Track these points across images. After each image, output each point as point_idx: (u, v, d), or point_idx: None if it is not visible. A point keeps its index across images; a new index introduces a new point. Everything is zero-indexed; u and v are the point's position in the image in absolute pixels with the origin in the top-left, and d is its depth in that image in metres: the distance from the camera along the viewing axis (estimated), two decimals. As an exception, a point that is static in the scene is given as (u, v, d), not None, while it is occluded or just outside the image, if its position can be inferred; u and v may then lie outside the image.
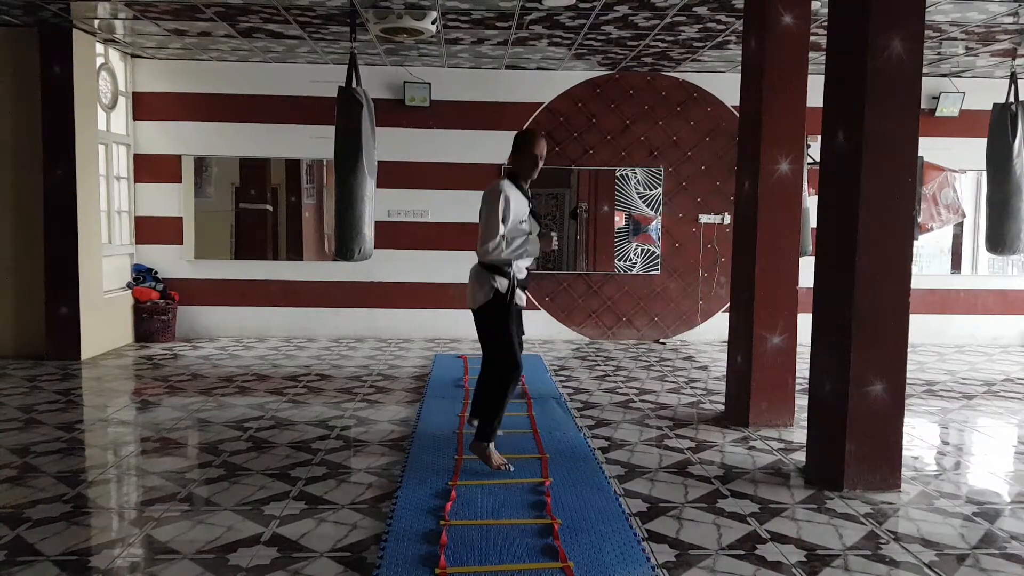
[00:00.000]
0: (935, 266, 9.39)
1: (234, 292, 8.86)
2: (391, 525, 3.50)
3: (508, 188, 4.09)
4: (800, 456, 4.61)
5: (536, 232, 4.24)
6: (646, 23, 6.78)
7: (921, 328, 8.46)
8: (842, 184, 4.08)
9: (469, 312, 4.30)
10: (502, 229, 4.01)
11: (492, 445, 4.21)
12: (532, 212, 4.24)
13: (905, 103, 3.96)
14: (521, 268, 4.21)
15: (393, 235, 8.76)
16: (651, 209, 9.00)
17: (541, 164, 4.19)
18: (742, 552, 3.29)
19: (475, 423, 4.43)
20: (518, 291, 4.20)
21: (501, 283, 4.09)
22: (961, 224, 9.29)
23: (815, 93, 4.85)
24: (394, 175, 8.61)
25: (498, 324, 4.14)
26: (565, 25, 6.87)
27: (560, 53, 7.96)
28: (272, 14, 6.64)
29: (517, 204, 4.09)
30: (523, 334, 4.37)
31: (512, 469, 4.17)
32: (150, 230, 8.77)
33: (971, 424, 5.62)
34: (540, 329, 8.95)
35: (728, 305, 6.87)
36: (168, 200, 8.75)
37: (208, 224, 8.87)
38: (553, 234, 4.38)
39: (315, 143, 8.56)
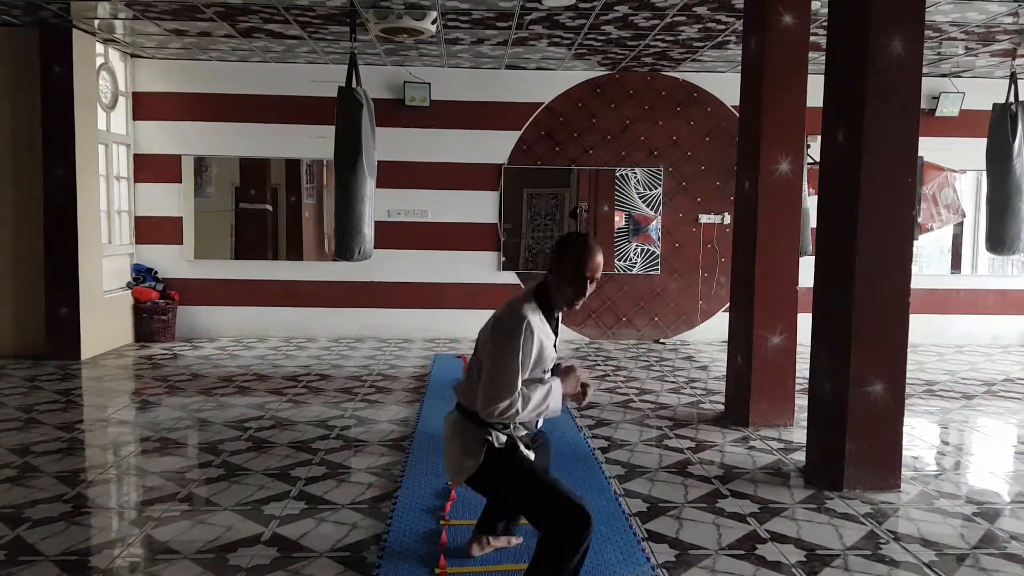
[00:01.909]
0: (935, 266, 9.38)
1: (234, 292, 8.86)
2: (391, 525, 3.50)
3: (536, 321, 2.70)
4: (800, 456, 4.61)
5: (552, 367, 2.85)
6: (646, 23, 6.78)
7: (921, 328, 8.45)
8: (842, 184, 4.08)
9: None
10: (520, 383, 2.65)
11: None
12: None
13: (905, 103, 3.96)
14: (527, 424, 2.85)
15: (393, 235, 8.75)
16: (651, 209, 9.00)
17: (591, 290, 2.74)
18: (742, 552, 3.30)
19: (488, 541, 3.21)
20: (524, 444, 2.84)
21: (498, 438, 2.76)
22: (961, 224, 9.29)
23: (815, 93, 4.85)
24: (394, 175, 8.61)
25: (515, 481, 2.75)
26: (565, 25, 6.87)
27: (560, 53, 7.96)
28: (272, 14, 6.64)
29: (543, 347, 2.72)
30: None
31: None
32: (150, 230, 8.78)
33: (971, 424, 5.62)
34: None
35: (728, 305, 6.87)
36: (168, 200, 8.75)
37: (208, 224, 8.87)
38: (589, 386, 2.91)
39: (315, 143, 8.55)
